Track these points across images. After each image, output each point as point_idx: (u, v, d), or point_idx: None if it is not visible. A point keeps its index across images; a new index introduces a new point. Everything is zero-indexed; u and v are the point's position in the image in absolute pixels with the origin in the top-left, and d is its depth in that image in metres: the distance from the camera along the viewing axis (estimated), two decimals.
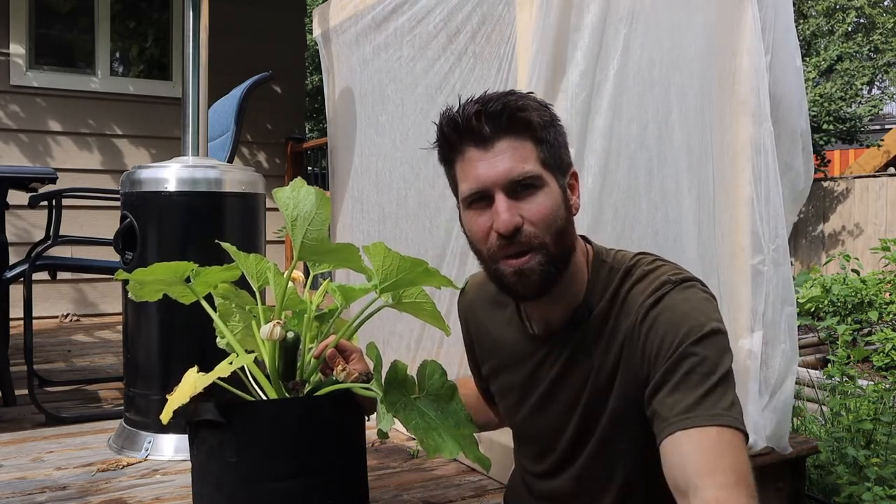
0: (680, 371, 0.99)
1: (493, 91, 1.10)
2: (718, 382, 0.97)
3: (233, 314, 1.33)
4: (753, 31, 1.87)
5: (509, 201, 1.04)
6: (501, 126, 1.04)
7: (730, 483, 0.90)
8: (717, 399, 0.96)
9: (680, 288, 1.05)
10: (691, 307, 1.03)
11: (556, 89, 1.69)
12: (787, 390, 1.96)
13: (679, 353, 0.99)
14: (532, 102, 1.08)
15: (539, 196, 1.05)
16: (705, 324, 1.01)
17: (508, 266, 1.06)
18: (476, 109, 1.05)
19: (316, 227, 1.20)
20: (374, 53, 2.41)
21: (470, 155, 1.07)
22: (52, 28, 4.78)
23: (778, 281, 1.92)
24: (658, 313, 1.04)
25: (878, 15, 12.13)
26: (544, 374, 1.17)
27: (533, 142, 1.06)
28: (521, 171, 1.04)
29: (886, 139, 11.30)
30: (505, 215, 1.03)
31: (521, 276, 1.05)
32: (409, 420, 1.14)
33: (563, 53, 1.70)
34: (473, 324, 1.33)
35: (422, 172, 2.18)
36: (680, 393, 0.97)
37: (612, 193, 1.74)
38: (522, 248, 1.04)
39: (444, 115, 1.09)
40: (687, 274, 1.09)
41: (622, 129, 1.75)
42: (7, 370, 2.52)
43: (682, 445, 0.94)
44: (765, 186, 1.90)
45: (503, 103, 1.05)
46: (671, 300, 1.04)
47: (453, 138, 1.08)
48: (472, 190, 1.07)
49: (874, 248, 6.18)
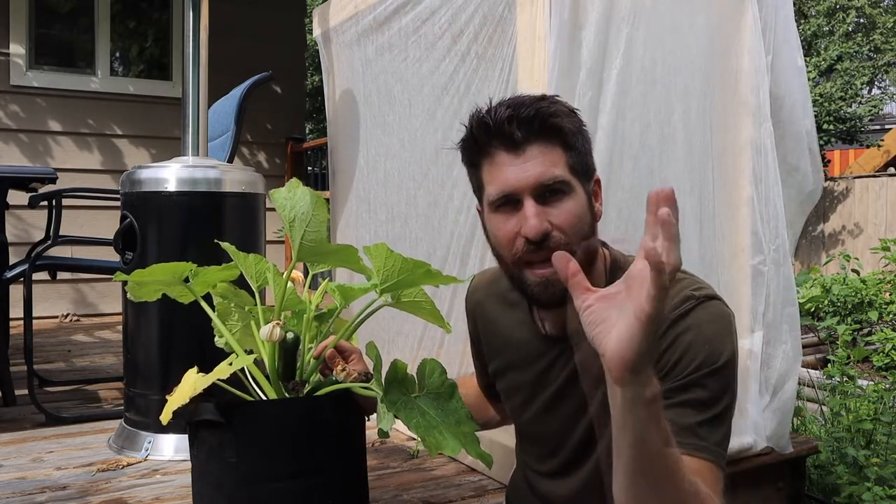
0: (685, 395, 0.99)
1: (524, 95, 1.09)
2: (717, 416, 0.99)
3: (231, 314, 1.33)
4: (754, 32, 1.88)
5: (538, 206, 1.03)
6: (533, 131, 1.04)
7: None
8: (709, 432, 0.98)
9: (704, 306, 1.04)
10: (713, 332, 1.03)
11: (567, 88, 1.69)
12: (789, 391, 1.96)
13: (690, 379, 1.00)
14: (563, 108, 1.08)
15: (567, 202, 1.05)
16: (720, 356, 1.01)
17: (534, 275, 1.05)
18: (509, 114, 1.04)
19: (314, 229, 1.20)
20: (378, 53, 2.41)
21: (500, 159, 1.06)
22: (52, 28, 4.78)
23: (779, 281, 1.92)
24: (680, 332, 1.03)
25: (879, 15, 12.13)
26: (556, 374, 1.17)
27: (562, 148, 1.06)
28: (552, 175, 1.04)
29: (886, 139, 11.30)
30: (534, 220, 1.02)
31: (547, 286, 1.05)
32: (409, 419, 1.14)
33: (574, 52, 1.70)
34: (482, 321, 1.33)
35: (430, 172, 2.19)
36: (676, 412, 0.98)
37: (616, 193, 1.74)
38: (550, 254, 1.04)
39: (473, 116, 1.08)
40: (708, 288, 1.08)
41: (626, 129, 1.75)
42: (7, 370, 2.52)
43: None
44: (765, 186, 1.90)
45: (536, 109, 1.04)
46: (695, 319, 1.03)
47: (483, 140, 1.07)
48: (500, 193, 1.06)
49: (874, 248, 6.18)
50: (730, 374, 1.02)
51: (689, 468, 0.92)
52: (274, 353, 1.25)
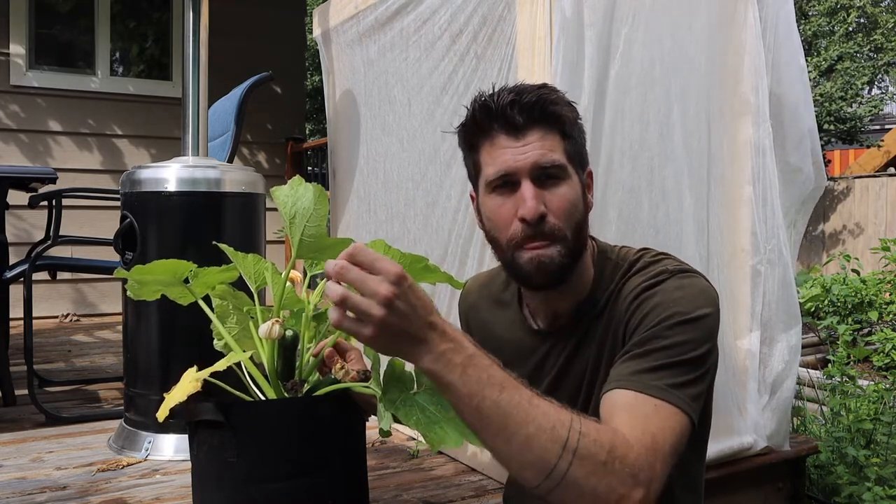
0: (644, 346, 1.00)
1: (526, 83, 1.12)
2: (678, 363, 0.98)
3: (230, 316, 1.33)
4: (754, 31, 1.88)
5: (535, 189, 1.05)
6: (534, 117, 1.06)
7: (643, 441, 0.88)
8: (670, 377, 0.96)
9: (678, 277, 1.07)
10: (683, 294, 1.04)
11: (567, 87, 1.69)
12: (788, 390, 1.96)
13: (651, 332, 1.01)
14: (563, 98, 1.10)
15: (563, 187, 1.07)
16: (691, 311, 1.01)
17: (527, 254, 1.06)
18: (511, 99, 1.06)
19: (314, 223, 1.20)
20: (380, 54, 2.41)
21: (499, 141, 1.08)
22: (52, 28, 4.78)
23: (776, 281, 1.92)
24: (649, 296, 1.05)
25: (880, 14, 12.13)
26: (548, 368, 1.19)
27: (561, 135, 1.08)
28: (550, 159, 1.06)
29: (886, 139, 11.30)
30: (531, 202, 1.04)
31: (539, 265, 1.06)
32: (409, 416, 1.14)
33: (574, 51, 1.70)
34: (476, 323, 1.34)
35: (429, 172, 2.19)
36: (634, 362, 0.99)
37: (616, 193, 1.74)
38: (545, 237, 1.06)
39: (476, 100, 1.10)
40: (688, 266, 1.10)
41: (625, 128, 1.75)
42: (7, 370, 2.52)
43: (616, 401, 0.95)
44: (763, 187, 1.90)
45: (538, 95, 1.07)
46: (666, 286, 1.05)
47: (485, 123, 1.09)
48: (498, 173, 1.08)
49: (874, 248, 6.18)
50: (701, 329, 1.01)
51: (631, 407, 0.92)
52: (273, 352, 1.25)
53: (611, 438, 0.86)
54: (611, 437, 0.86)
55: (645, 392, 0.95)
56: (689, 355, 0.99)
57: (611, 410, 0.95)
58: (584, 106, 1.70)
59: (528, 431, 0.83)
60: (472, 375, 0.83)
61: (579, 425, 0.85)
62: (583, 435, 0.84)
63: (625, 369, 0.99)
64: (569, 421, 0.85)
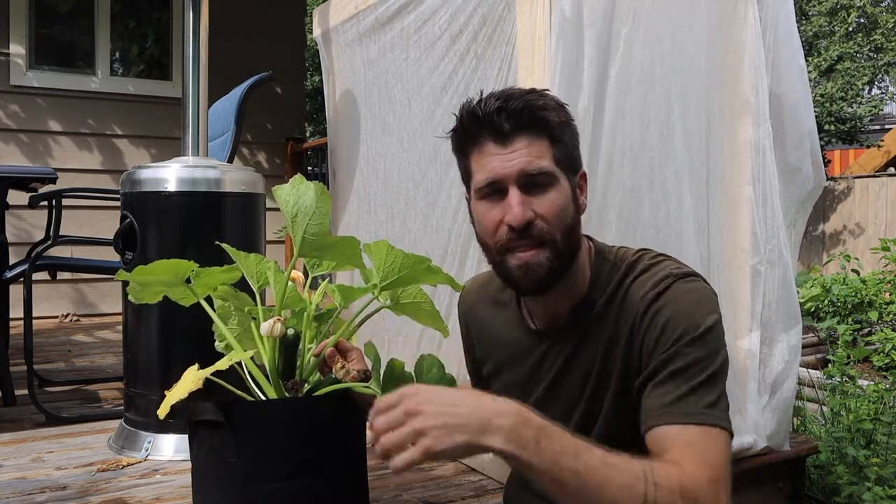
0: (671, 366, 1.03)
1: (514, 88, 1.12)
2: (705, 382, 1.01)
3: (231, 316, 1.33)
4: (754, 31, 1.87)
5: (522, 196, 1.06)
6: (521, 123, 1.06)
7: (706, 474, 0.93)
8: (700, 397, 1.00)
9: (682, 281, 1.08)
10: (691, 302, 1.06)
11: (567, 87, 1.69)
12: (788, 390, 1.96)
13: (672, 350, 1.03)
14: (551, 102, 1.10)
15: (551, 193, 1.07)
16: (701, 323, 1.04)
17: (516, 259, 1.07)
18: (498, 105, 1.06)
19: (316, 222, 1.20)
20: (380, 54, 2.41)
21: (487, 148, 1.08)
22: (52, 28, 4.78)
23: (776, 281, 1.92)
24: (660, 307, 1.06)
25: (881, 14, 12.12)
26: (547, 368, 1.18)
27: (549, 140, 1.08)
28: (537, 166, 1.06)
29: (886, 139, 11.30)
30: (518, 209, 1.05)
31: (528, 270, 1.07)
32: None
33: (575, 51, 1.70)
34: (474, 324, 1.34)
35: (429, 172, 2.19)
36: (664, 389, 1.02)
37: (616, 193, 1.74)
38: (533, 242, 1.06)
39: (464, 106, 1.11)
40: (689, 269, 1.11)
41: (626, 129, 1.75)
42: (7, 370, 2.52)
43: (666, 437, 0.99)
44: (763, 187, 1.90)
45: (525, 101, 1.07)
46: (673, 294, 1.06)
47: (472, 130, 1.10)
48: (487, 180, 1.08)
49: (874, 248, 6.18)
50: (713, 340, 1.04)
51: (682, 440, 0.96)
52: (274, 351, 1.25)
53: (679, 480, 0.90)
54: (678, 478, 0.90)
55: (689, 422, 0.98)
56: (711, 369, 1.02)
57: (662, 447, 0.98)
58: (584, 106, 1.70)
59: (610, 493, 0.87)
60: (546, 448, 0.86)
61: (652, 476, 0.89)
62: (658, 486, 0.88)
63: (658, 400, 1.01)
64: (642, 474, 0.89)
